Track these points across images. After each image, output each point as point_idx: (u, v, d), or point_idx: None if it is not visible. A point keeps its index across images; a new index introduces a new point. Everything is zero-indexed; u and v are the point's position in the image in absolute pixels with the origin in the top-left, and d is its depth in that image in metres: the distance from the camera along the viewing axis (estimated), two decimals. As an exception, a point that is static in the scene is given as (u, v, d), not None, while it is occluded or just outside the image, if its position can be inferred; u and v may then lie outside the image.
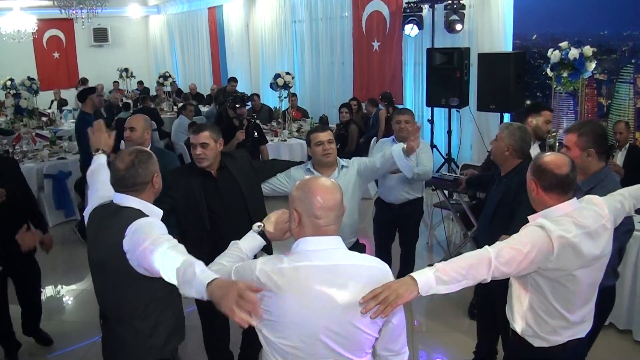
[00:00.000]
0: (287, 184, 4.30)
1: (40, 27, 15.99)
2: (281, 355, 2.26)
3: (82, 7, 11.82)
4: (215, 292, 2.05)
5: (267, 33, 14.73)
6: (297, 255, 2.26)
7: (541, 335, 2.83)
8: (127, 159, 2.77)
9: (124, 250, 2.58)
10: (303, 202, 2.26)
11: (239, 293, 1.97)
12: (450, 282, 2.32)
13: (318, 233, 2.26)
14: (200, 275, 2.15)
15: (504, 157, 4.05)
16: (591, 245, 2.71)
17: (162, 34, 20.24)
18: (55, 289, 6.67)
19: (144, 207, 2.78)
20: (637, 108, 7.41)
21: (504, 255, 2.50)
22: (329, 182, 2.31)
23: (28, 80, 12.33)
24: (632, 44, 7.37)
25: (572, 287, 2.74)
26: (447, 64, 9.17)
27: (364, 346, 2.29)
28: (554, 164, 2.76)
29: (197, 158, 3.90)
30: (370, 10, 11.45)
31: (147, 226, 2.59)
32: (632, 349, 4.95)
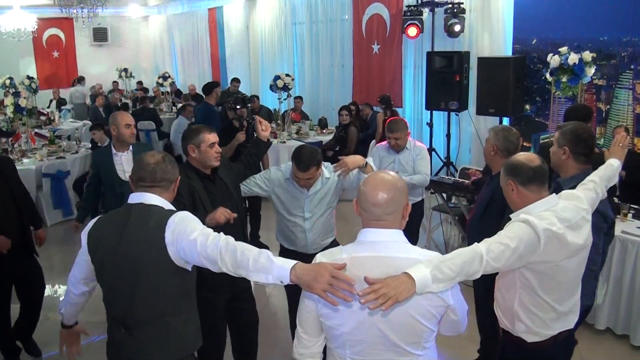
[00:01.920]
0: (264, 185, 4.32)
1: (40, 26, 15.96)
2: (340, 342, 2.39)
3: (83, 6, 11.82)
4: (305, 276, 2.15)
5: (267, 35, 14.73)
6: (355, 245, 2.40)
7: (534, 330, 2.89)
8: (157, 155, 2.86)
9: (166, 243, 2.61)
10: (360, 195, 2.41)
11: (331, 274, 2.07)
12: (445, 280, 2.33)
13: (369, 225, 2.39)
14: (277, 261, 2.27)
15: (491, 157, 4.16)
16: (574, 236, 2.78)
17: (162, 34, 20.25)
18: (52, 289, 6.66)
19: (166, 205, 2.81)
20: (636, 114, 7.42)
21: (493, 250, 2.54)
22: (383, 179, 2.40)
23: (27, 79, 12.32)
24: (632, 50, 7.39)
25: (559, 278, 2.81)
26: (446, 68, 9.18)
27: (421, 339, 2.37)
28: (525, 158, 2.89)
29: (216, 157, 3.94)
30: (371, 13, 11.46)
31: (191, 219, 2.65)
32: (629, 353, 4.96)
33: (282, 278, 2.22)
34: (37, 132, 10.58)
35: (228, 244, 2.44)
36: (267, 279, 2.28)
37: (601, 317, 5.16)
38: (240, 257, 2.37)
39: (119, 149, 5.14)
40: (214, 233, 2.54)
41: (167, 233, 2.60)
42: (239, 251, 2.39)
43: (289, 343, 5.16)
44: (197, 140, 3.90)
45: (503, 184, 2.97)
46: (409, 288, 2.22)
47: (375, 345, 2.34)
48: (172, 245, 2.60)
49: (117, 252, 2.74)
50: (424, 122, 10.47)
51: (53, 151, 9.50)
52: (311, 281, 2.11)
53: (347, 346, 2.37)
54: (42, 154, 9.09)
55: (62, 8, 11.90)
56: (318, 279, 2.10)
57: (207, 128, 4.00)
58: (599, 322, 5.16)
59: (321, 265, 2.15)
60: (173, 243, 2.59)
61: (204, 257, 2.48)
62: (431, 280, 2.27)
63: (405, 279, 2.23)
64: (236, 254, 2.38)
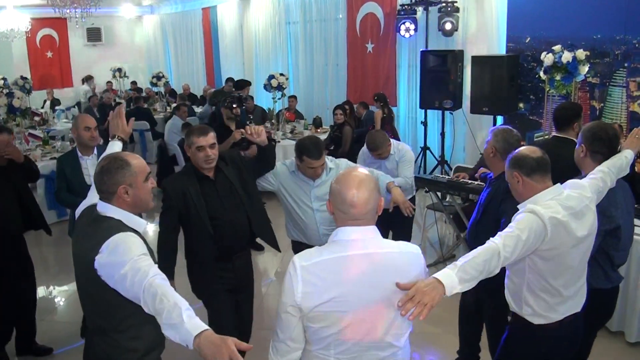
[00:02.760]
0: (272, 180, 4.39)
1: (34, 26, 15.93)
2: (324, 344, 2.38)
3: (76, 6, 11.77)
4: (206, 348, 2.03)
5: (261, 34, 14.73)
6: (334, 245, 2.37)
7: (540, 313, 3.00)
8: (100, 164, 2.71)
9: (95, 267, 2.48)
10: (334, 195, 2.38)
11: (231, 356, 1.97)
12: (470, 280, 2.50)
13: (346, 224, 2.36)
14: (188, 322, 2.12)
15: (490, 159, 4.09)
16: (578, 225, 2.91)
17: (156, 34, 20.22)
18: (47, 290, 6.66)
19: (125, 217, 2.65)
20: (629, 111, 7.44)
21: (509, 245, 2.67)
22: (358, 179, 2.36)
23: (21, 80, 12.30)
24: (625, 48, 7.40)
25: (567, 264, 2.93)
26: (440, 67, 9.20)
27: (402, 330, 2.43)
28: (527, 150, 3.03)
29: (207, 160, 3.90)
30: (365, 12, 11.46)
31: (125, 246, 2.48)
32: (624, 350, 4.98)
33: (186, 342, 2.09)
34: (31, 133, 10.56)
35: (151, 286, 2.28)
36: (175, 339, 2.15)
37: (596, 314, 5.17)
38: (157, 305, 2.23)
39: (83, 153, 4.97)
40: (145, 268, 2.37)
41: (98, 257, 2.48)
42: (157, 297, 2.24)
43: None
44: (189, 142, 3.94)
45: (509, 178, 3.09)
46: (440, 292, 2.35)
47: (361, 343, 2.36)
48: (102, 271, 2.48)
49: (74, 256, 2.73)
50: (418, 121, 10.48)
51: (47, 152, 9.49)
52: (209, 356, 2.01)
53: (332, 347, 2.37)
54: (36, 155, 9.07)
55: (55, 8, 11.85)
56: (217, 356, 1.99)
57: (199, 130, 3.96)
58: (594, 319, 5.18)
59: (225, 344, 2.02)
60: (104, 269, 2.47)
61: (132, 295, 2.37)
62: (458, 282, 2.44)
63: (436, 283, 2.36)
64: (155, 300, 2.24)
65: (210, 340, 2.05)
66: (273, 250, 4.48)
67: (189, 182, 3.94)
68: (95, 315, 2.73)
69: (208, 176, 4.01)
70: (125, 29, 20.48)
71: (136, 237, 2.58)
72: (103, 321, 2.68)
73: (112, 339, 2.68)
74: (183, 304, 2.19)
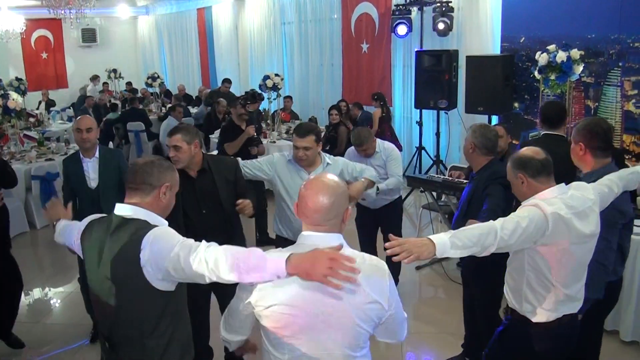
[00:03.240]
0: (267, 169, 4.45)
1: (29, 27, 15.87)
2: (279, 346, 2.37)
3: (71, 7, 11.76)
4: (302, 264, 2.06)
5: (256, 34, 14.73)
6: (295, 248, 2.33)
7: (539, 311, 3.03)
8: (148, 158, 2.75)
9: (141, 264, 2.45)
10: (300, 199, 2.37)
11: (329, 256, 2.01)
12: (462, 247, 2.59)
13: (308, 229, 2.35)
14: (270, 256, 2.15)
15: (470, 155, 4.22)
16: (580, 225, 2.93)
17: (151, 34, 20.21)
18: (42, 292, 6.64)
19: (150, 218, 2.62)
20: (624, 111, 7.45)
21: (507, 227, 2.73)
22: (324, 185, 2.34)
23: (16, 81, 12.27)
24: (619, 48, 7.41)
25: (566, 262, 2.95)
26: (435, 66, 9.20)
27: (360, 341, 2.38)
28: (532, 152, 3.06)
29: (172, 160, 3.88)
30: (360, 12, 11.46)
31: (165, 234, 2.50)
32: (619, 348, 4.99)
33: (278, 272, 2.10)
34: (26, 134, 10.53)
35: (213, 252, 2.29)
36: (263, 277, 2.16)
37: (591, 313, 5.18)
38: (229, 262, 2.21)
39: (84, 155, 4.94)
40: (194, 243, 2.38)
41: (142, 254, 2.45)
42: (228, 256, 2.23)
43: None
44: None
45: (512, 178, 3.11)
46: (430, 250, 2.47)
47: (316, 349, 2.33)
48: (149, 267, 2.45)
49: (98, 267, 2.65)
50: (414, 121, 10.48)
51: (42, 153, 9.46)
52: (309, 268, 2.02)
53: (286, 350, 2.36)
54: (31, 156, 9.05)
55: (50, 9, 11.84)
56: (316, 264, 2.01)
57: (172, 130, 4.00)
58: (589, 318, 5.19)
59: (317, 251, 2.07)
60: (150, 264, 2.45)
61: (189, 271, 2.33)
62: (450, 246, 2.53)
63: (427, 241, 2.47)
64: (224, 260, 2.23)
65: (301, 256, 2.08)
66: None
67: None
68: (126, 325, 2.64)
69: (190, 175, 4.03)
70: (120, 30, 20.45)
71: (170, 228, 2.58)
72: (135, 329, 2.63)
73: (148, 345, 2.64)
74: (254, 249, 2.23)
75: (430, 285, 6.43)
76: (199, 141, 4.03)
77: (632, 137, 7.38)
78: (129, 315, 2.62)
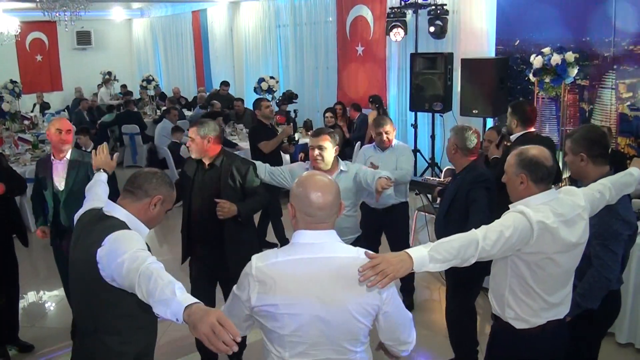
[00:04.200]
0: (288, 176, 4.60)
1: (23, 29, 15.83)
2: (279, 344, 2.38)
3: (65, 9, 11.71)
4: (192, 315, 1.99)
5: (251, 37, 14.73)
6: (291, 247, 2.39)
7: (522, 317, 2.94)
8: (154, 169, 2.86)
9: (97, 259, 2.50)
10: (298, 199, 2.37)
11: (218, 319, 1.93)
12: (442, 260, 2.45)
13: (309, 228, 2.37)
14: (179, 296, 2.08)
15: (452, 156, 4.36)
16: (568, 232, 2.83)
17: (146, 37, 20.18)
18: (37, 295, 6.62)
19: (130, 221, 2.68)
20: (619, 113, 7.48)
21: (489, 237, 2.61)
22: (323, 182, 2.39)
23: (10, 84, 12.24)
24: (614, 51, 7.44)
25: (550, 270, 2.86)
26: (430, 69, 9.22)
27: (359, 335, 2.40)
28: (543, 156, 2.89)
29: (189, 149, 4.39)
30: (355, 15, 11.48)
31: (126, 239, 2.52)
32: (615, 351, 4.99)
33: (176, 315, 2.04)
34: (20, 137, 10.51)
35: (147, 269, 2.25)
36: (166, 314, 2.09)
37: (586, 315, 5.19)
38: (151, 285, 2.18)
39: (55, 156, 4.94)
40: (143, 257, 2.35)
41: (99, 250, 2.51)
42: (152, 279, 2.19)
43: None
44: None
45: (511, 175, 2.95)
46: (406, 265, 2.33)
47: (316, 346, 2.36)
48: (101, 264, 2.49)
49: (71, 255, 2.78)
50: (409, 124, 10.51)
51: (36, 156, 9.42)
52: (197, 322, 1.95)
53: (287, 348, 2.37)
54: (25, 159, 9.03)
55: (44, 11, 11.80)
56: (203, 320, 1.93)
57: (195, 122, 4.39)
58: (584, 320, 5.19)
59: (212, 310, 1.99)
60: (102, 261, 2.48)
61: (127, 282, 2.33)
62: (428, 260, 2.40)
63: (405, 256, 2.34)
64: (149, 281, 2.19)
65: (199, 308, 2.02)
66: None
67: (192, 164, 4.49)
68: (87, 315, 2.73)
69: (204, 163, 4.40)
70: (115, 33, 20.42)
71: (138, 235, 2.61)
72: (95, 322, 2.69)
73: (102, 341, 2.68)
74: (177, 283, 2.17)
75: (426, 288, 6.43)
76: (215, 137, 4.32)
77: (626, 139, 7.41)
78: (85, 306, 2.73)
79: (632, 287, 4.93)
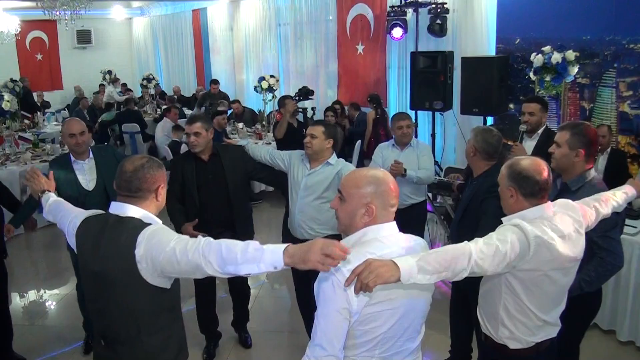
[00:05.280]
0: (286, 160, 4.71)
1: (24, 28, 15.84)
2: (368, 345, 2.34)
3: (66, 8, 11.70)
4: (298, 252, 2.10)
5: (251, 36, 14.71)
6: (375, 243, 2.34)
7: (517, 336, 2.86)
8: (137, 161, 2.67)
9: (137, 260, 2.46)
10: (380, 195, 2.37)
11: (324, 243, 2.05)
12: (431, 272, 2.29)
13: (383, 220, 2.40)
14: (267, 247, 2.19)
15: (470, 159, 4.16)
16: (565, 248, 2.73)
17: (146, 36, 20.15)
18: (37, 294, 6.62)
19: (146, 217, 2.63)
20: (619, 112, 7.47)
21: (483, 251, 2.47)
22: (382, 172, 2.46)
23: (11, 82, 12.23)
24: (614, 49, 7.43)
25: (546, 288, 2.78)
26: (430, 68, 9.18)
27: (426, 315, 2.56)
28: (534, 169, 2.78)
29: (190, 144, 4.57)
30: (355, 14, 11.46)
31: (162, 230, 2.52)
32: (616, 348, 5.00)
33: (275, 263, 2.14)
34: (21, 136, 10.51)
35: (210, 244, 2.32)
36: (259, 268, 2.18)
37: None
38: (226, 254, 2.25)
39: (77, 157, 4.76)
40: (191, 239, 2.40)
41: (137, 250, 2.46)
42: (223, 248, 2.27)
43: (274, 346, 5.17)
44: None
45: (503, 187, 2.88)
46: (392, 273, 2.17)
47: (403, 338, 2.38)
48: (144, 262, 2.46)
49: (93, 266, 2.65)
50: (409, 122, 10.48)
51: (37, 155, 9.44)
52: (304, 254, 2.06)
53: (378, 347, 2.33)
54: (26, 158, 9.03)
55: (45, 10, 11.80)
56: (312, 250, 2.05)
57: (189, 119, 4.66)
58: (585, 319, 5.19)
59: (313, 241, 2.09)
60: (145, 259, 2.45)
61: (185, 264, 2.35)
62: (417, 271, 2.24)
63: (391, 264, 2.19)
64: (221, 252, 2.26)
65: (298, 246, 2.13)
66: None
67: (187, 161, 4.69)
68: (127, 321, 2.63)
69: (202, 159, 4.64)
70: (115, 31, 20.39)
71: (165, 226, 2.61)
72: (137, 325, 2.63)
73: (146, 342, 2.64)
74: (250, 242, 2.27)
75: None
76: (212, 129, 4.68)
77: (627, 138, 7.40)
78: (124, 312, 2.62)
79: (633, 286, 4.93)
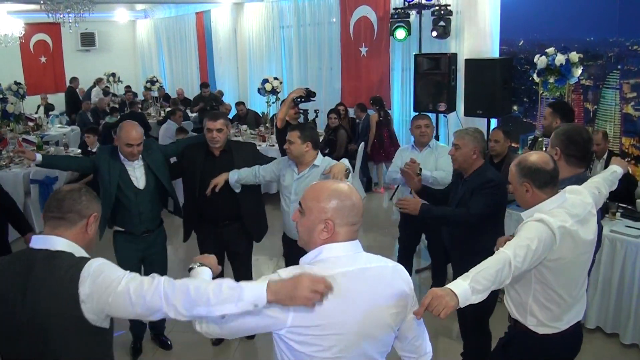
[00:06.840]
0: (276, 169, 4.75)
1: (28, 31, 15.90)
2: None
3: (70, 11, 11.72)
4: (283, 289, 1.99)
5: (254, 38, 14.72)
6: (324, 263, 2.17)
7: (545, 323, 2.97)
8: (75, 186, 2.52)
9: (81, 299, 2.21)
10: (340, 211, 2.17)
11: (311, 279, 1.98)
12: (482, 290, 2.49)
13: (353, 238, 2.22)
14: (245, 285, 2.04)
15: (471, 161, 4.25)
16: (584, 231, 2.91)
17: (150, 38, 20.18)
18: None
19: (75, 250, 2.37)
20: (623, 113, 7.46)
21: (519, 254, 2.65)
22: (347, 187, 2.25)
23: (15, 85, 12.25)
24: (618, 50, 7.43)
25: (573, 272, 2.94)
26: (434, 70, 9.19)
27: (389, 345, 2.32)
28: (542, 161, 2.92)
29: (212, 140, 4.72)
30: (358, 16, 11.47)
31: (108, 266, 2.28)
32: (619, 352, 4.98)
33: (256, 301, 1.99)
34: (25, 138, 10.52)
35: (174, 285, 2.13)
36: (238, 307, 2.01)
37: (591, 315, 5.18)
38: (195, 295, 2.06)
39: (128, 158, 4.65)
40: (145, 277, 2.21)
41: (81, 288, 2.21)
42: (191, 288, 2.08)
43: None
44: (204, 122, 4.85)
45: (516, 185, 3.00)
46: (454, 302, 2.37)
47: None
48: (89, 302, 2.22)
49: (20, 316, 2.29)
50: (413, 124, 10.47)
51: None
52: (291, 291, 1.95)
53: None
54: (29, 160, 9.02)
55: (49, 13, 11.83)
56: (299, 288, 1.95)
57: (212, 115, 4.79)
58: (589, 320, 5.19)
59: (297, 277, 1.99)
60: (91, 298, 2.21)
61: (141, 307, 2.15)
62: (471, 293, 2.43)
63: (450, 292, 2.37)
64: (189, 293, 2.08)
65: (281, 282, 2.02)
66: (268, 254, 4.53)
67: (200, 151, 4.87)
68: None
69: (214, 153, 4.82)
70: (119, 34, 20.43)
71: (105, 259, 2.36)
72: None
73: None
74: (221, 280, 2.10)
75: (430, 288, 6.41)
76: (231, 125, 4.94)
77: (631, 139, 7.39)
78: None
79: (636, 289, 4.91)
